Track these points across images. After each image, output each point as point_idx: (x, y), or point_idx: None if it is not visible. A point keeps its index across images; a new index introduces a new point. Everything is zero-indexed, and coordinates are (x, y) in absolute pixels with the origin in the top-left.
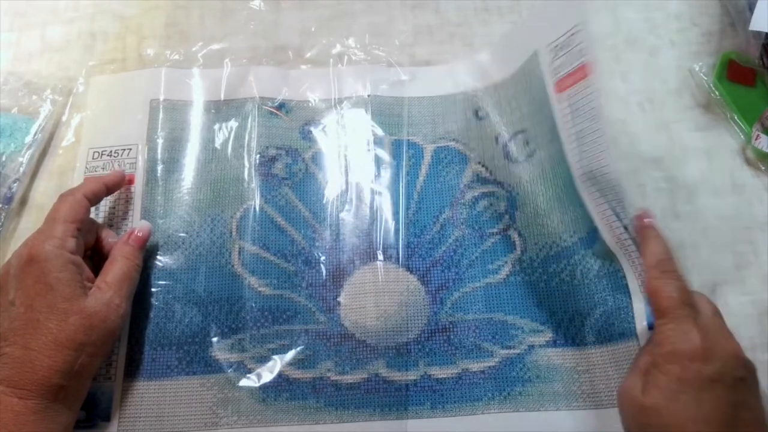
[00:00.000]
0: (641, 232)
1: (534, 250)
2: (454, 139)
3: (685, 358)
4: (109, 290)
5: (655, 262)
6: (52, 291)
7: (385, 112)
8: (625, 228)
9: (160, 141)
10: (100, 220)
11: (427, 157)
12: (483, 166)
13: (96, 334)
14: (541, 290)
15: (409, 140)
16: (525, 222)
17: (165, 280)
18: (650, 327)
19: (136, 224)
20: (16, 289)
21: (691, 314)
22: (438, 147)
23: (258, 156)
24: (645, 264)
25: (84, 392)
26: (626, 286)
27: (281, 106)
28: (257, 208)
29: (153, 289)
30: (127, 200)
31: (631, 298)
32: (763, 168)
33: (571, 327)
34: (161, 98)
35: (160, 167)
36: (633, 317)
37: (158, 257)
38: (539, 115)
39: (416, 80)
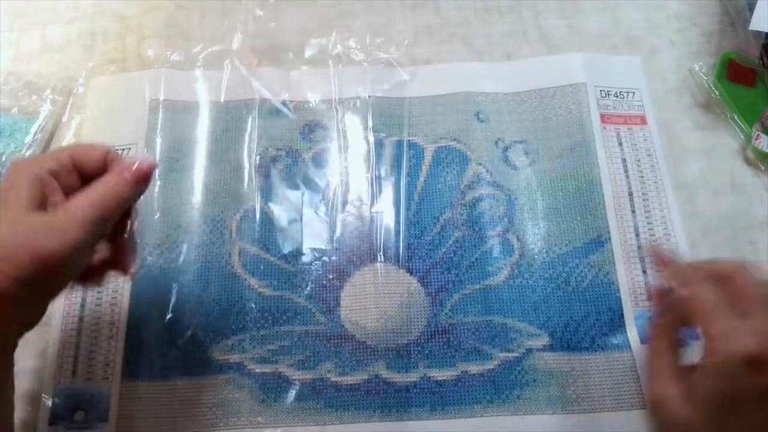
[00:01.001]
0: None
1: (531, 254)
2: (454, 139)
3: (733, 366)
4: (66, 213)
5: (681, 279)
6: None
7: (386, 112)
8: (639, 247)
9: (159, 141)
10: None
11: (428, 158)
12: (483, 167)
13: (24, 254)
14: (538, 294)
15: (409, 140)
16: (522, 226)
17: (164, 280)
18: (642, 342)
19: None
20: None
21: (737, 314)
22: (439, 147)
23: (258, 157)
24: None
25: (5, 338)
26: (619, 299)
27: (281, 107)
28: (257, 209)
29: (151, 289)
30: None
31: (623, 311)
32: (763, 168)
33: (566, 332)
34: (161, 98)
35: (158, 167)
36: (625, 329)
37: (157, 256)
38: (551, 132)
39: (417, 80)
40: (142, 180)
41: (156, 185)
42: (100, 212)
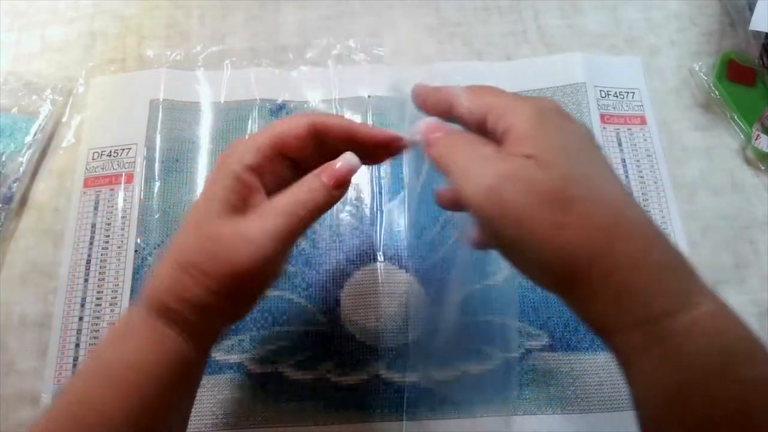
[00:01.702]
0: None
1: None
2: None
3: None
4: (259, 220)
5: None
6: (198, 201)
7: (385, 112)
8: None
9: (158, 140)
10: (98, 219)
11: (428, 157)
12: None
13: (213, 266)
14: (537, 294)
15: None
16: None
17: None
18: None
19: (343, 157)
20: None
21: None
22: None
23: None
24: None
25: (211, 335)
26: None
27: (281, 108)
28: None
29: None
30: (125, 199)
31: None
32: (763, 168)
33: (566, 332)
34: (161, 98)
35: (158, 166)
36: None
37: (156, 257)
38: None
39: (416, 79)
40: (342, 185)
41: (156, 185)
42: (295, 222)
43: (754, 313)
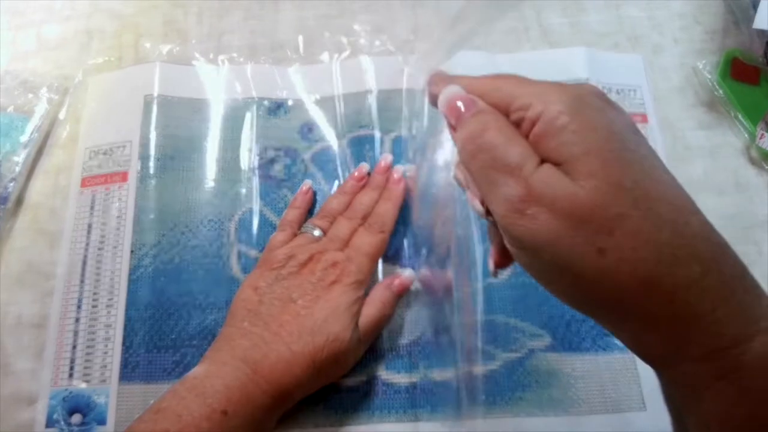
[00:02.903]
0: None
1: None
2: None
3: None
4: (357, 332)
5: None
6: (337, 310)
7: (385, 108)
8: None
9: (153, 137)
10: (94, 219)
11: (429, 153)
12: None
13: (329, 363)
14: (540, 294)
15: (411, 135)
16: None
17: (161, 281)
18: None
19: (402, 271)
20: (304, 283)
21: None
22: (438, 141)
23: (257, 158)
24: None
25: (283, 410)
26: None
27: (280, 106)
28: (256, 212)
29: (148, 291)
30: (121, 198)
31: None
32: (767, 167)
33: (568, 333)
34: (155, 93)
35: (153, 163)
36: None
37: (153, 257)
38: None
39: (417, 74)
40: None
41: (151, 183)
42: (367, 338)
43: None
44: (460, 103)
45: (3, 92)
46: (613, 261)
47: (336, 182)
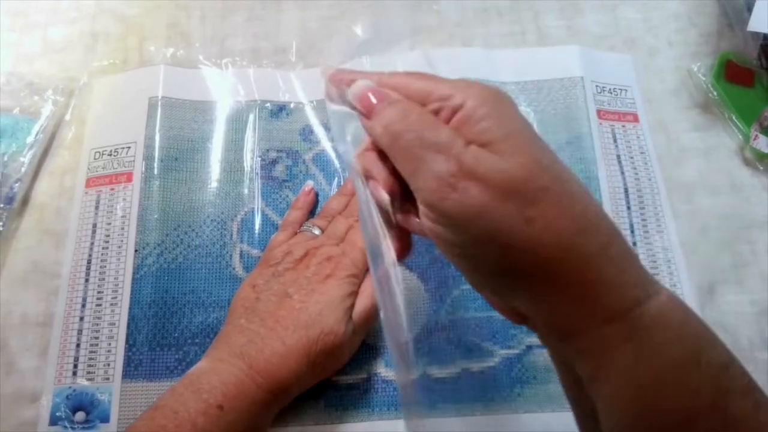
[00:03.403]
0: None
1: None
2: None
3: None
4: (351, 324)
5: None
6: (332, 303)
7: None
8: (634, 243)
9: (157, 138)
10: (98, 219)
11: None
12: None
13: (324, 356)
14: None
15: None
16: None
17: (164, 280)
18: None
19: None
20: (299, 278)
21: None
22: None
23: (259, 159)
24: None
25: (280, 406)
26: None
27: (282, 109)
28: (258, 212)
29: (152, 289)
30: (125, 198)
31: None
32: (761, 168)
33: None
34: (159, 95)
35: (157, 164)
36: None
37: (157, 257)
38: (549, 125)
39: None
40: None
41: (155, 184)
42: (362, 330)
43: (753, 313)
44: (371, 95)
45: (8, 94)
46: (538, 229)
47: (336, 182)
